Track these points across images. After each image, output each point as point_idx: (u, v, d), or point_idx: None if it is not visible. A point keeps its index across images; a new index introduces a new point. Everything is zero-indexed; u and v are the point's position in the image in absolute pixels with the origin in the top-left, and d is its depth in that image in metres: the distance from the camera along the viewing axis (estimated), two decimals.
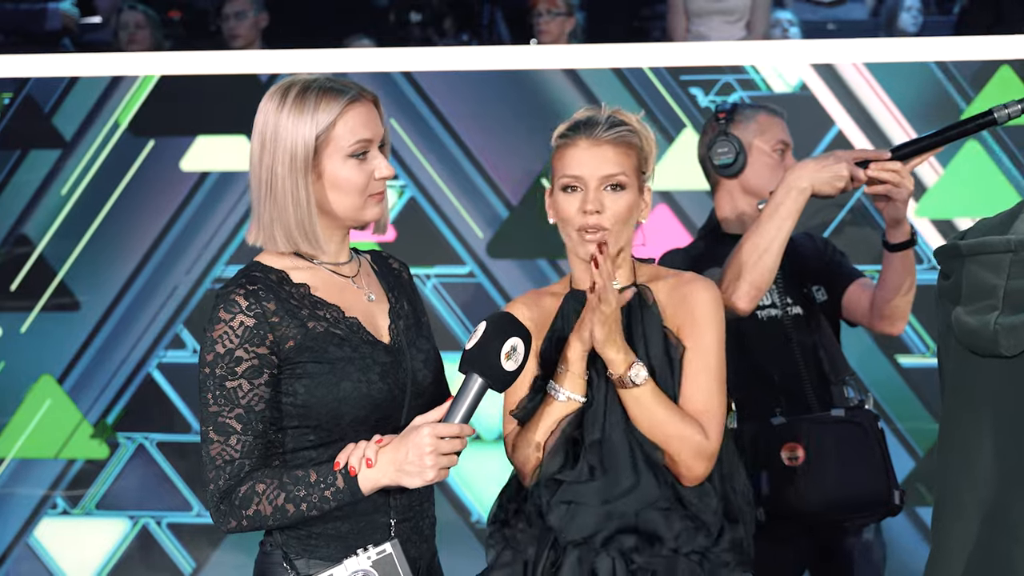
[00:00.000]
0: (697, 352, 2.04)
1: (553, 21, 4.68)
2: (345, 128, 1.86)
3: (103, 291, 3.65)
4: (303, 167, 1.85)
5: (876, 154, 2.38)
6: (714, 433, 2.02)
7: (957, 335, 1.64)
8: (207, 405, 1.82)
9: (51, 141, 3.62)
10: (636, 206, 2.08)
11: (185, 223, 3.62)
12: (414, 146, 3.56)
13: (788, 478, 2.47)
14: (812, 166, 2.36)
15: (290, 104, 1.86)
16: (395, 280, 2.02)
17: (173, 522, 3.65)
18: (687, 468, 2.01)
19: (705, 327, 2.05)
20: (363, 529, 1.86)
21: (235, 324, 1.81)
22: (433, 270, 3.56)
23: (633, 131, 2.09)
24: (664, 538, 1.99)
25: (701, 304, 2.06)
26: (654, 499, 2.00)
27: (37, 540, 3.70)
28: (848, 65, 3.42)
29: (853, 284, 2.69)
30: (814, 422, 2.52)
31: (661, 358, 2.04)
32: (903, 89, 3.41)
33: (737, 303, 2.36)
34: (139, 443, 3.66)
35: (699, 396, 2.03)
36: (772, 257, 2.35)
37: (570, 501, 2.00)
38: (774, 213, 2.35)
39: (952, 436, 1.68)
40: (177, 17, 5.31)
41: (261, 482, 1.80)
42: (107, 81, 3.61)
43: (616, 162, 2.06)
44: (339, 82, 1.91)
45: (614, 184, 2.05)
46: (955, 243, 1.66)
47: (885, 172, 2.35)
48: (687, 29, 4.58)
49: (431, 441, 1.77)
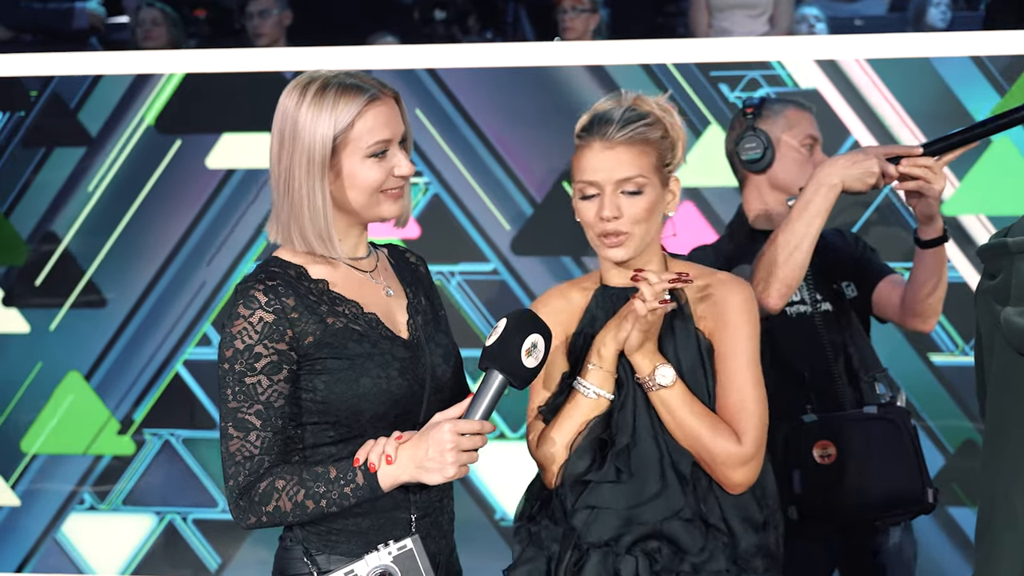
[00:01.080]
0: (731, 355, 1.98)
1: (578, 18, 4.67)
2: (364, 128, 1.85)
3: (130, 288, 3.67)
4: (320, 168, 1.84)
5: (907, 150, 2.35)
6: (750, 439, 1.95)
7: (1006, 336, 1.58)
8: (226, 401, 1.82)
9: (77, 139, 3.65)
10: (659, 203, 2.01)
11: (211, 220, 3.63)
12: (438, 143, 3.56)
13: (821, 476, 2.44)
14: (842, 162, 2.33)
15: (308, 102, 1.84)
16: (413, 274, 2.01)
17: (199, 518, 3.67)
18: (723, 476, 1.96)
19: (739, 329, 1.99)
20: (383, 525, 1.85)
21: (254, 320, 1.81)
22: (457, 267, 3.55)
23: (651, 123, 2.00)
24: (687, 550, 1.94)
25: (735, 305, 2.00)
26: (678, 508, 1.95)
27: (65, 535, 3.72)
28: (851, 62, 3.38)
29: (884, 280, 2.66)
30: (846, 420, 2.48)
31: (693, 360, 1.99)
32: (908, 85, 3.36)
33: (768, 301, 2.33)
34: (165, 439, 3.67)
35: (733, 400, 1.97)
36: (803, 254, 2.32)
37: (593, 506, 1.97)
38: (804, 210, 2.32)
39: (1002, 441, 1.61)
40: (202, 15, 5.34)
41: (281, 478, 1.80)
42: (133, 79, 3.63)
43: (631, 164, 1.98)
44: (359, 79, 1.88)
45: (630, 189, 1.98)
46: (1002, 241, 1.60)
47: (916, 168, 2.32)
48: (709, 24, 4.56)
49: (452, 438, 1.76)
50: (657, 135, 2.01)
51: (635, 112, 2.01)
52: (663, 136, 2.02)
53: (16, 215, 3.69)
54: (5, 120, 3.68)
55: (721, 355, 1.99)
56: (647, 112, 2.02)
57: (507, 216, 3.55)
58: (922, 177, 2.33)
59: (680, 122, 2.05)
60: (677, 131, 2.03)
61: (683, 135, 2.05)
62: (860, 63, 3.37)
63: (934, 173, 2.33)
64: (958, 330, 3.42)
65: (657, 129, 2.01)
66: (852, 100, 3.40)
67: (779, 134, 2.63)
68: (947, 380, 3.43)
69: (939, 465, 3.40)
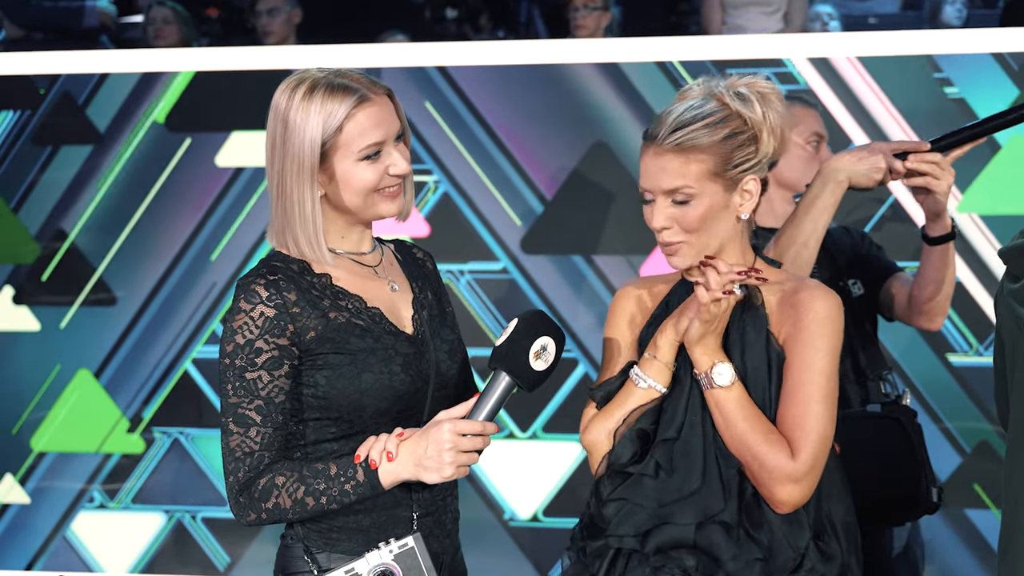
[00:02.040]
0: (801, 366, 1.86)
1: (590, 16, 4.66)
2: (355, 131, 1.81)
3: (140, 286, 3.66)
4: (309, 175, 1.81)
5: (915, 145, 2.33)
6: (806, 457, 1.83)
7: None
8: (227, 396, 1.81)
9: (86, 137, 3.65)
10: (720, 208, 1.88)
11: (221, 218, 3.63)
12: (448, 141, 3.55)
13: None
14: (849, 158, 2.31)
15: (297, 104, 1.81)
16: (419, 270, 1.99)
17: (208, 516, 3.66)
18: (768, 490, 1.85)
19: (813, 339, 1.86)
20: (385, 523, 1.84)
21: (255, 314, 1.80)
22: (467, 266, 3.54)
23: (712, 124, 1.86)
24: (721, 560, 1.85)
25: (813, 313, 1.87)
26: (715, 512, 1.86)
27: (74, 533, 3.72)
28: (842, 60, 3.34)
29: (891, 278, 2.64)
30: (849, 417, 2.46)
31: (759, 364, 1.88)
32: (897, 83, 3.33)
33: None
34: (175, 438, 3.67)
35: (794, 413, 1.85)
36: (809, 251, 2.30)
37: (626, 499, 1.90)
38: (811, 206, 2.30)
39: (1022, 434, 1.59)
40: (214, 14, 5.35)
41: (281, 475, 1.79)
42: (143, 77, 3.62)
43: (678, 173, 1.86)
44: (349, 78, 1.84)
45: (679, 199, 1.87)
46: None
47: (924, 164, 2.30)
48: (723, 22, 4.54)
49: (451, 438, 1.75)
50: (717, 137, 1.87)
51: (695, 112, 1.88)
52: (731, 135, 1.88)
53: (25, 213, 3.69)
54: (15, 118, 3.68)
55: (791, 364, 1.87)
56: (711, 111, 1.88)
57: (517, 215, 3.53)
58: (929, 173, 2.31)
59: (770, 111, 1.89)
60: (759, 123, 1.88)
61: (773, 124, 1.89)
62: (851, 61, 3.33)
63: (941, 169, 2.31)
64: (970, 329, 3.39)
65: (721, 129, 1.88)
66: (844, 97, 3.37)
67: None
68: (963, 379, 3.39)
69: (955, 464, 3.37)
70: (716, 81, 1.92)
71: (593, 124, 3.46)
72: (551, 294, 3.51)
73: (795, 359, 1.88)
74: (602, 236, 3.49)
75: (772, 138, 1.90)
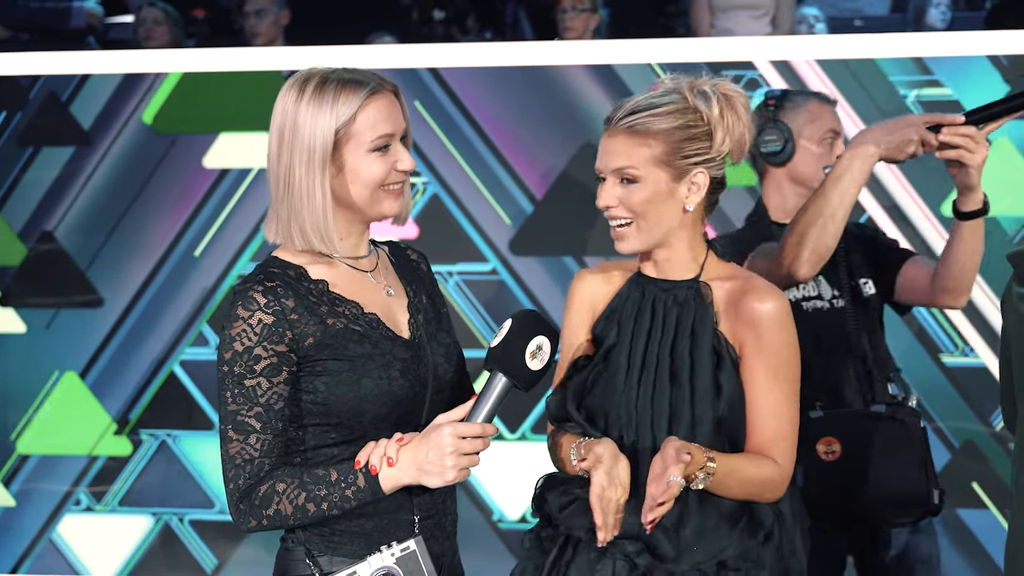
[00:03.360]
0: (764, 374, 1.92)
1: (578, 17, 4.67)
2: (367, 122, 1.83)
3: (127, 288, 3.65)
4: (321, 164, 1.82)
5: (949, 118, 2.27)
6: (786, 459, 1.93)
7: None
8: (226, 403, 1.80)
9: (72, 138, 3.63)
10: (665, 196, 1.93)
11: (209, 220, 3.62)
12: (437, 142, 3.54)
13: (823, 472, 2.41)
14: (880, 131, 2.27)
15: (308, 97, 1.82)
16: (414, 272, 2.00)
17: (195, 519, 3.65)
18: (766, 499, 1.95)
19: (772, 347, 1.92)
20: (386, 526, 1.84)
21: (253, 321, 1.79)
22: (456, 267, 3.54)
23: (666, 112, 1.91)
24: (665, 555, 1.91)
25: (767, 322, 1.92)
26: None
27: (60, 536, 3.70)
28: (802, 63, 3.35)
29: (907, 263, 2.58)
30: (853, 417, 2.45)
31: (706, 362, 1.93)
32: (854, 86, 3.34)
33: (799, 270, 2.28)
34: (162, 440, 3.66)
35: (769, 421, 1.92)
36: (836, 224, 2.26)
37: (580, 497, 1.95)
38: (840, 178, 2.25)
39: None
40: (201, 15, 5.32)
41: (281, 481, 1.79)
42: (130, 78, 3.61)
43: (625, 154, 1.92)
44: (359, 73, 1.87)
45: (625, 178, 1.93)
46: None
47: (958, 137, 2.25)
48: (711, 24, 4.55)
49: (452, 441, 1.75)
50: (669, 125, 1.92)
51: (652, 100, 1.93)
52: (684, 126, 1.92)
53: (11, 214, 3.67)
54: (1, 119, 3.66)
55: (756, 374, 1.92)
56: (668, 101, 1.93)
57: (506, 215, 3.53)
58: (963, 146, 2.25)
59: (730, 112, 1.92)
60: (715, 121, 1.92)
61: (730, 124, 1.92)
62: (810, 64, 3.34)
63: (976, 143, 2.25)
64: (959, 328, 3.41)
65: (675, 119, 1.92)
66: None
67: (801, 127, 2.56)
68: (956, 380, 3.41)
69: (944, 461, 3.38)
70: (685, 77, 1.97)
71: (582, 125, 3.47)
72: (540, 295, 3.52)
73: (760, 366, 1.92)
74: (591, 237, 3.50)
75: (728, 138, 1.94)
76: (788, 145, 2.55)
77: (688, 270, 1.98)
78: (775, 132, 2.56)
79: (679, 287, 1.98)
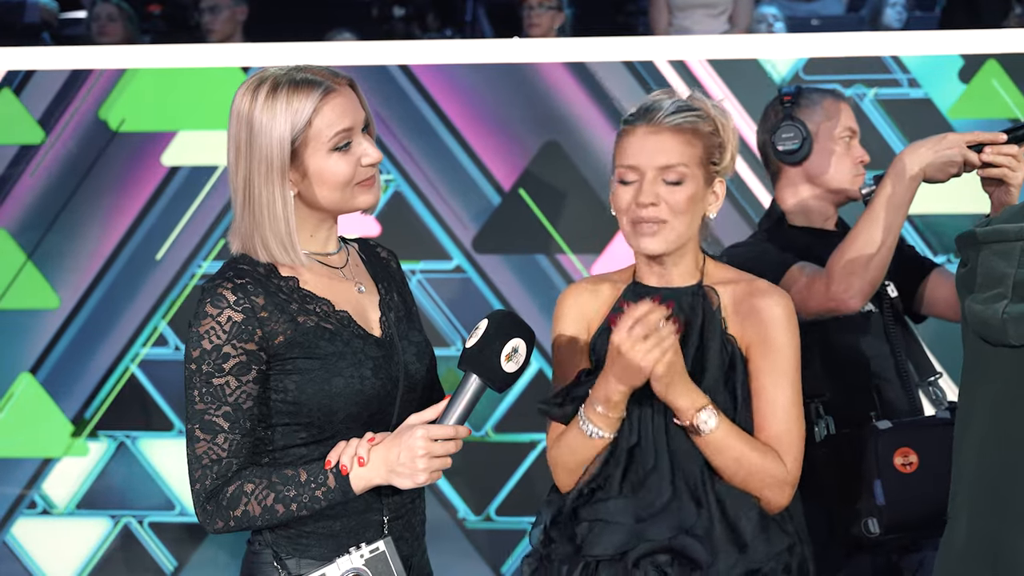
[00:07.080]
0: (773, 374, 1.90)
1: (544, 14, 4.68)
2: (323, 122, 1.79)
3: (81, 287, 3.60)
4: (280, 174, 1.78)
5: (991, 137, 2.26)
6: (793, 460, 1.91)
7: (970, 324, 1.62)
8: (193, 402, 1.78)
9: (28, 135, 3.57)
10: (700, 200, 1.91)
11: (166, 217, 3.58)
12: (399, 139, 3.53)
13: (905, 485, 2.29)
14: (923, 151, 2.24)
15: (261, 105, 1.78)
16: (384, 270, 1.97)
17: (155, 521, 3.61)
18: (768, 499, 1.91)
19: (785, 350, 1.91)
20: (355, 527, 1.82)
21: (222, 319, 1.76)
22: (419, 265, 3.52)
23: (703, 117, 1.92)
24: (701, 562, 1.88)
25: (775, 321, 1.91)
26: (688, 525, 1.89)
27: (15, 539, 3.65)
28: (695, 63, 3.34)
29: (933, 274, 2.53)
30: (922, 425, 2.34)
31: (717, 369, 1.91)
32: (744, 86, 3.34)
33: (850, 302, 2.23)
34: (120, 441, 3.61)
35: (776, 422, 1.90)
36: (887, 251, 2.22)
37: (599, 519, 1.91)
38: (887, 203, 2.21)
39: (965, 426, 1.66)
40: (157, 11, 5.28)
41: (250, 482, 1.76)
42: (85, 74, 3.56)
43: (675, 151, 1.89)
44: (310, 72, 1.82)
45: (672, 178, 1.89)
46: (973, 231, 1.65)
47: (1001, 156, 2.24)
48: (670, 23, 4.57)
49: (424, 444, 1.73)
50: (708, 129, 1.93)
51: (687, 103, 1.94)
52: (713, 133, 1.93)
53: None
54: None
55: (764, 375, 1.91)
56: (699, 107, 1.94)
57: (470, 213, 3.52)
58: (1006, 165, 2.25)
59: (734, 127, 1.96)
60: (729, 134, 1.95)
61: (735, 141, 1.96)
62: (703, 63, 3.34)
63: (1018, 161, 2.25)
64: None
65: (708, 124, 1.93)
66: None
67: (817, 125, 2.48)
68: None
69: None
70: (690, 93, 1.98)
71: (546, 123, 3.47)
72: (505, 292, 3.51)
73: (769, 369, 1.91)
74: (555, 235, 3.50)
75: (732, 154, 1.96)
76: (806, 143, 2.47)
77: (690, 276, 1.97)
78: (792, 129, 2.47)
79: (682, 294, 1.95)
